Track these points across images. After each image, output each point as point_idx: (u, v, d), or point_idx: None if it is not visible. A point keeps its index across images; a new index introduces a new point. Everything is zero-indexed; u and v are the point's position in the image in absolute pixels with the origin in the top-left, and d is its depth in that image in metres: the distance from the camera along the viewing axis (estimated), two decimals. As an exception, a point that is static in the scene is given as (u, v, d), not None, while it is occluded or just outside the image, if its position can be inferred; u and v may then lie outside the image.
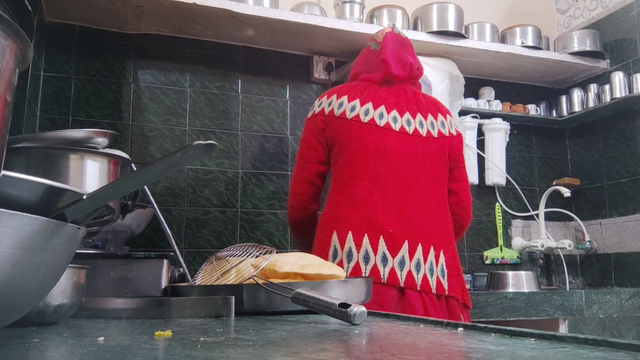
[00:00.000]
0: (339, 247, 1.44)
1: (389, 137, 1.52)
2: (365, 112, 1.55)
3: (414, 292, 1.42)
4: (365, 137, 1.53)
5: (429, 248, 1.47)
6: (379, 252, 1.42)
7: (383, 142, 1.51)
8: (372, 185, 1.48)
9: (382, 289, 1.39)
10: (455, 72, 2.42)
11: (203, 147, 0.46)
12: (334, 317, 0.66)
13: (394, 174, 1.50)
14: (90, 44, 2.13)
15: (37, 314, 0.64)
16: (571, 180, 2.71)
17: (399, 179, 1.50)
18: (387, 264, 1.41)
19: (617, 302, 2.05)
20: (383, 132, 1.52)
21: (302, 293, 0.72)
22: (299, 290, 0.73)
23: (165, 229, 1.36)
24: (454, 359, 0.39)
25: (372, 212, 1.45)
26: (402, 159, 1.52)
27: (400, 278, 1.41)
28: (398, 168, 1.51)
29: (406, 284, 1.41)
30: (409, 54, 1.66)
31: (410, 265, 1.43)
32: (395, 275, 1.40)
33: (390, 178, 1.49)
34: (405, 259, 1.42)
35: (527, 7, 2.92)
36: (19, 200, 0.47)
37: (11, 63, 0.42)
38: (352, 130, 1.54)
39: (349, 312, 0.63)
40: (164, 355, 0.42)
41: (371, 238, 1.42)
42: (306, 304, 0.71)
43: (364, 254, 1.41)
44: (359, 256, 1.41)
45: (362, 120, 1.54)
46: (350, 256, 1.41)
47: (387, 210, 1.46)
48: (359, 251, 1.41)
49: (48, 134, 0.97)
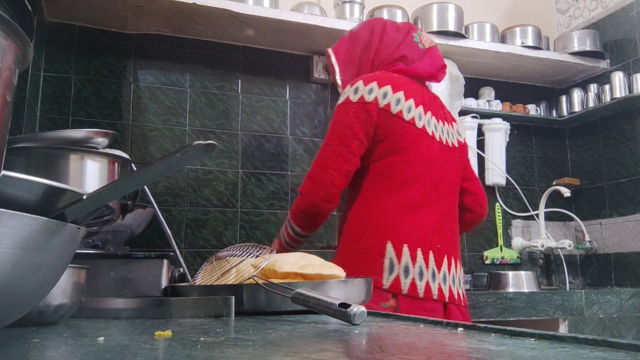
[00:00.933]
0: (395, 260, 1.37)
1: (433, 147, 1.49)
2: (419, 117, 1.47)
3: (454, 306, 1.43)
4: (418, 144, 1.46)
5: (456, 261, 1.51)
6: (430, 268, 1.40)
7: (429, 151, 1.48)
8: (420, 196, 1.45)
9: (432, 305, 1.39)
10: (455, 72, 2.42)
11: (203, 147, 0.46)
12: (333, 317, 0.66)
13: (435, 185, 1.48)
14: (90, 44, 2.13)
15: (37, 314, 0.64)
16: (571, 180, 2.71)
17: (437, 191, 1.48)
18: (435, 280, 1.40)
19: (617, 302, 2.05)
20: (429, 140, 1.48)
21: (302, 293, 0.72)
22: (298, 290, 0.73)
23: (165, 229, 1.36)
24: (454, 359, 0.39)
25: (422, 225, 1.43)
26: (440, 170, 1.50)
27: (445, 293, 1.42)
28: (437, 180, 1.48)
29: (450, 299, 1.42)
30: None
31: (449, 279, 1.44)
32: (441, 291, 1.41)
33: (432, 190, 1.47)
34: (446, 274, 1.43)
35: (527, 7, 2.92)
36: (19, 200, 0.47)
37: (11, 63, 0.42)
38: (407, 135, 1.44)
39: (349, 312, 0.63)
40: (164, 355, 0.42)
41: (424, 253, 1.40)
42: (306, 304, 0.71)
43: (419, 270, 1.38)
44: (415, 272, 1.38)
45: (417, 125, 1.46)
46: (407, 272, 1.37)
47: (432, 223, 1.44)
48: (414, 266, 1.38)
49: (48, 134, 0.97)
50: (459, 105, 2.45)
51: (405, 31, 1.57)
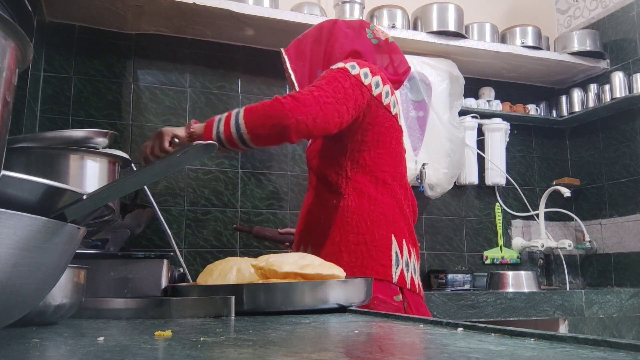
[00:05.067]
0: (399, 253, 1.36)
1: (404, 146, 1.51)
2: (400, 113, 1.49)
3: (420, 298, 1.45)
4: (399, 140, 1.47)
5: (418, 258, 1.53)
6: (416, 263, 1.43)
7: (403, 150, 1.50)
8: (405, 192, 1.46)
9: (420, 300, 1.41)
10: (455, 72, 2.42)
11: (203, 147, 0.46)
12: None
13: (405, 184, 1.49)
14: (90, 44, 2.13)
15: (37, 314, 0.64)
16: (571, 180, 2.72)
17: (406, 189, 1.49)
18: (416, 274, 1.42)
19: (617, 302, 2.05)
20: (401, 138, 1.50)
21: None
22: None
23: (165, 229, 1.36)
24: (454, 359, 0.39)
25: (409, 221, 1.45)
26: (405, 170, 1.52)
27: (421, 288, 1.44)
28: (406, 178, 1.50)
29: (420, 292, 1.44)
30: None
31: (418, 274, 1.46)
32: (419, 286, 1.43)
33: (405, 186, 1.49)
34: (417, 269, 1.45)
35: (527, 7, 2.92)
36: (19, 200, 0.47)
37: (11, 63, 0.42)
38: (392, 129, 1.43)
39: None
40: (164, 355, 0.42)
41: (413, 248, 1.42)
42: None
43: (413, 265, 1.40)
44: (411, 266, 1.39)
45: (399, 121, 1.47)
46: (408, 266, 1.37)
47: (410, 219, 1.47)
48: (410, 260, 1.39)
49: (48, 134, 0.97)
50: (459, 105, 2.45)
51: (357, 27, 1.54)
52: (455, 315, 1.86)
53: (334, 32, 1.52)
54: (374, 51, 1.52)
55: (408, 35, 2.32)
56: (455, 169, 2.38)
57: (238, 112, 1.30)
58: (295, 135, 1.26)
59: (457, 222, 2.60)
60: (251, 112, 1.28)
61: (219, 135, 1.31)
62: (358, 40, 1.51)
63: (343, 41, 1.50)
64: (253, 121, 1.27)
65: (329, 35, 1.52)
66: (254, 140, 1.28)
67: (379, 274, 1.29)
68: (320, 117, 1.26)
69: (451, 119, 2.40)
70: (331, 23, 1.55)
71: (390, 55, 1.55)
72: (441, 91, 2.39)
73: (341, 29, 1.52)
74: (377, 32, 1.56)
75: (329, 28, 1.53)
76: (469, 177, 2.55)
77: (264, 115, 1.26)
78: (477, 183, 2.58)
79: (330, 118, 1.27)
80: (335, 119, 1.28)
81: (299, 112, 1.24)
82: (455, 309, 1.88)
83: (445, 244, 2.56)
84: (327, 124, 1.27)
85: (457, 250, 2.57)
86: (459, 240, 2.59)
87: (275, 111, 1.25)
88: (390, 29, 2.29)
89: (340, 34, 1.51)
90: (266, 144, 1.34)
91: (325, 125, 1.27)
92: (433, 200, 2.49)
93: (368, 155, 1.40)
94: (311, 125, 1.25)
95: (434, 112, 2.37)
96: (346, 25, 1.54)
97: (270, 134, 1.26)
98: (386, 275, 1.31)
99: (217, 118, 1.34)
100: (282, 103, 1.25)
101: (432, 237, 2.54)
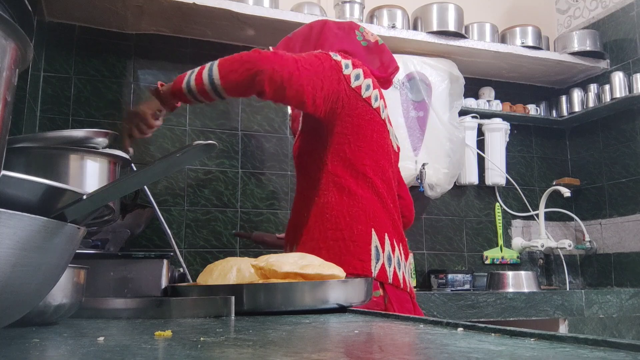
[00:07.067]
0: (380, 248, 1.36)
1: (390, 141, 1.50)
2: (382, 108, 1.47)
3: (411, 297, 1.44)
4: (381, 134, 1.45)
5: (407, 255, 1.51)
6: (402, 258, 1.42)
7: (388, 144, 1.48)
8: (388, 187, 1.45)
9: (406, 296, 1.39)
10: (455, 72, 2.42)
11: (203, 147, 0.46)
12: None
13: (388, 180, 1.48)
14: (90, 44, 2.13)
15: (37, 314, 0.64)
16: (571, 180, 2.72)
17: (390, 185, 1.48)
18: (400, 269, 1.41)
19: (617, 302, 2.05)
20: (387, 133, 1.49)
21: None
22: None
23: (165, 229, 1.36)
24: (454, 359, 0.39)
25: (394, 216, 1.44)
26: (392, 166, 1.50)
27: (407, 285, 1.42)
28: (390, 174, 1.49)
29: (410, 291, 1.43)
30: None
31: (407, 271, 1.45)
32: (405, 282, 1.42)
33: (388, 183, 1.48)
34: (406, 265, 1.44)
35: (527, 7, 2.92)
36: (19, 200, 0.47)
37: (11, 63, 0.42)
38: (373, 123, 1.42)
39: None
40: (164, 355, 0.42)
41: (397, 242, 1.41)
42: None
43: (397, 260, 1.38)
44: (394, 261, 1.37)
45: (381, 115, 1.46)
46: (390, 260, 1.36)
47: (394, 215, 1.46)
48: (394, 255, 1.38)
49: (48, 134, 0.97)
50: (458, 105, 2.45)
51: (347, 28, 1.56)
52: (455, 315, 1.86)
53: (324, 32, 1.53)
54: (364, 53, 1.53)
55: (408, 35, 2.32)
56: (455, 169, 2.39)
57: (212, 62, 1.30)
58: (269, 85, 1.24)
59: (457, 222, 2.60)
60: (226, 60, 1.29)
61: (189, 84, 1.29)
62: (347, 41, 1.53)
63: (333, 41, 1.51)
64: (227, 67, 1.27)
65: (319, 34, 1.53)
66: (226, 86, 1.27)
67: (357, 269, 1.29)
68: (295, 75, 1.26)
69: (451, 119, 2.40)
70: (321, 23, 1.56)
71: (380, 57, 1.56)
72: (441, 91, 2.40)
73: (331, 30, 1.53)
74: (367, 34, 1.57)
75: (319, 28, 1.55)
76: (469, 177, 2.55)
77: (240, 61, 1.27)
78: (477, 183, 2.58)
79: (306, 84, 1.26)
80: (309, 87, 1.27)
81: (276, 62, 1.24)
82: (455, 309, 1.88)
83: (445, 244, 2.56)
84: (302, 88, 1.26)
85: (457, 250, 2.57)
86: (459, 240, 2.59)
87: (252, 58, 1.25)
88: (390, 29, 2.29)
89: (330, 34, 1.52)
90: (238, 91, 1.31)
91: (300, 88, 1.26)
92: (433, 200, 2.49)
93: (348, 147, 1.40)
94: (286, 78, 1.24)
95: (434, 112, 2.37)
96: (336, 26, 1.55)
97: (243, 80, 1.25)
98: (365, 270, 1.30)
99: (189, 71, 1.33)
100: (261, 52, 1.26)
101: (432, 237, 2.54)
